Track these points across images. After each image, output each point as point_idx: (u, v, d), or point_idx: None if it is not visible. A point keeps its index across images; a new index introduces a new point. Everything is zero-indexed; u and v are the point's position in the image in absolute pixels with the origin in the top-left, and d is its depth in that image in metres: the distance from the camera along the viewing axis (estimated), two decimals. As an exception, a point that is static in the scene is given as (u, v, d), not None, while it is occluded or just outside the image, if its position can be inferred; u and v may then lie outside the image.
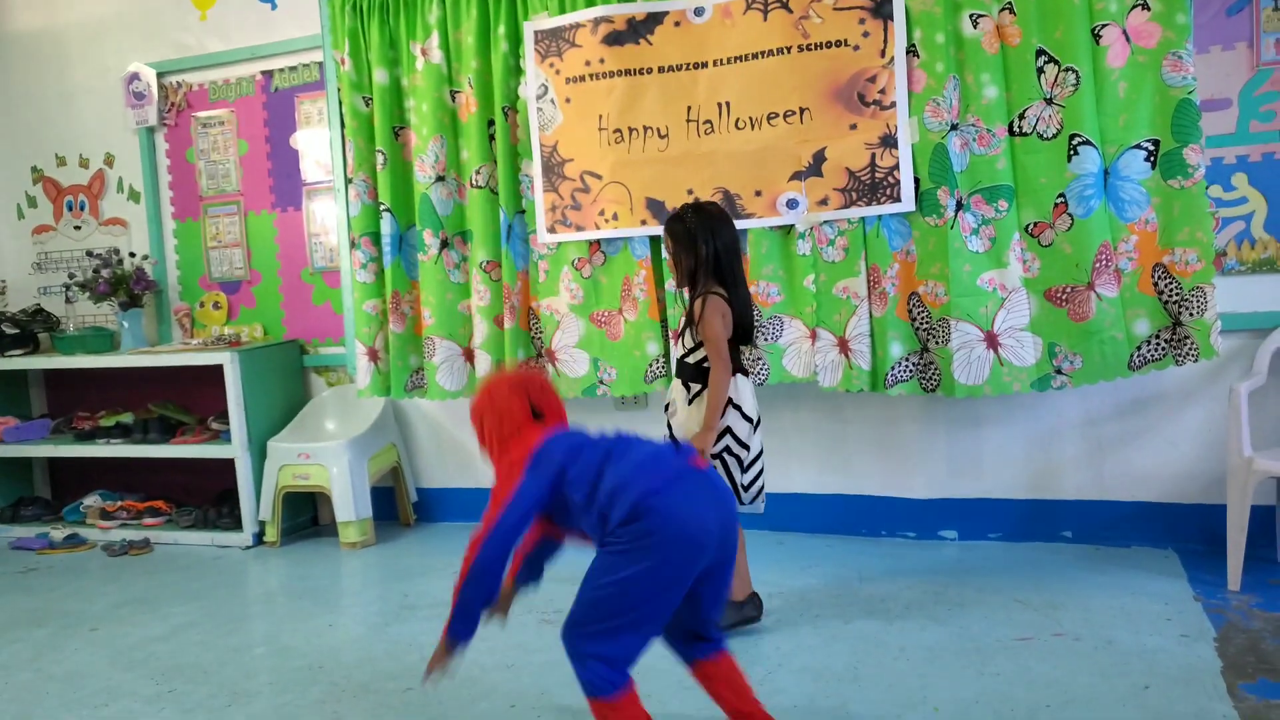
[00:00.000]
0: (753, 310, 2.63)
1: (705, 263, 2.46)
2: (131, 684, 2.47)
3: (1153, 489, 3.04)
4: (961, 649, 2.38)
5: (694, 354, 2.51)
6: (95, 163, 4.34)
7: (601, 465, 1.82)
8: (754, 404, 2.53)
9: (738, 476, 2.51)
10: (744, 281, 2.54)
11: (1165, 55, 2.68)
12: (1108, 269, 2.76)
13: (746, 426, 2.50)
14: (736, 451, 2.49)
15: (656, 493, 1.76)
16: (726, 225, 2.51)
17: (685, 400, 2.53)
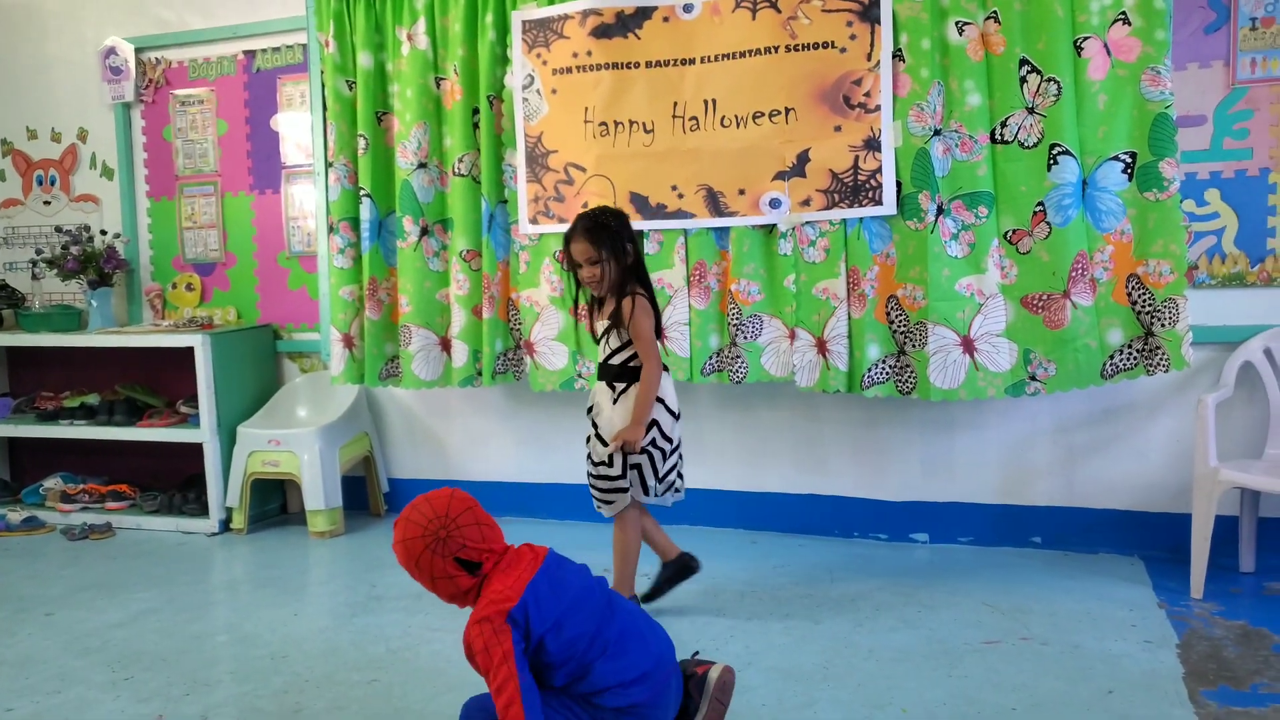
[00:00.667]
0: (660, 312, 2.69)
1: (632, 266, 2.55)
2: (85, 671, 2.42)
3: (1121, 497, 3.09)
4: (930, 651, 2.39)
5: (619, 355, 2.57)
6: (68, 137, 4.26)
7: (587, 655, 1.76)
8: (675, 398, 2.63)
9: (660, 467, 2.58)
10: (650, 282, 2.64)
11: (1144, 70, 2.72)
12: (1083, 278, 2.80)
13: (671, 420, 2.59)
14: (661, 444, 2.57)
15: (648, 695, 1.78)
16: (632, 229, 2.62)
17: (610, 399, 2.58)
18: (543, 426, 3.70)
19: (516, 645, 1.68)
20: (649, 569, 2.75)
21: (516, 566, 1.77)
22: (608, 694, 1.77)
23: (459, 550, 1.74)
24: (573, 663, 1.75)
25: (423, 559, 1.75)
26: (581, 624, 1.76)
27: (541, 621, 1.71)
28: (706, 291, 3.17)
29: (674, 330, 3.19)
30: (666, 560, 2.72)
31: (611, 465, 2.57)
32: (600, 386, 2.63)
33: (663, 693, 1.83)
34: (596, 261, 2.52)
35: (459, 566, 1.75)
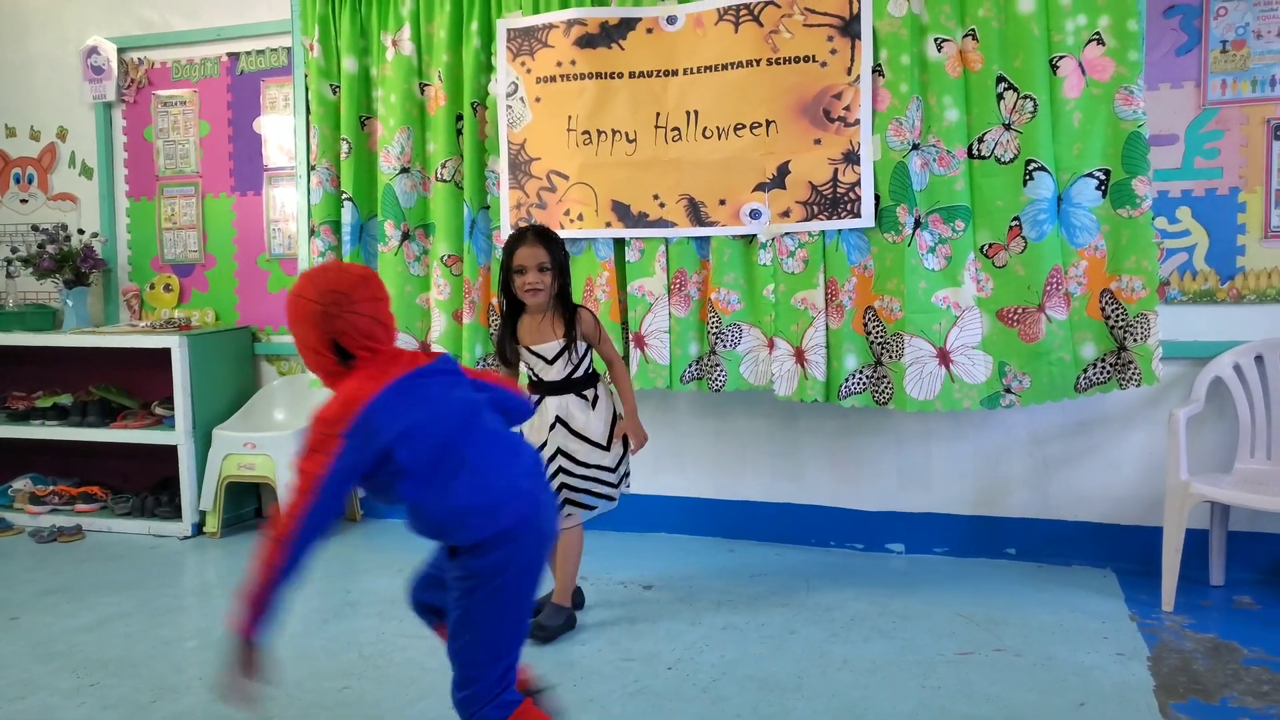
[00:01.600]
0: None
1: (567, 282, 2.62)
2: (51, 676, 2.38)
3: (1094, 509, 3.12)
4: (904, 661, 2.40)
5: (580, 368, 2.61)
6: (47, 135, 4.22)
7: (444, 465, 1.64)
8: None
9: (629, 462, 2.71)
10: None
11: (1118, 89, 2.77)
12: (1058, 292, 2.83)
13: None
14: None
15: (518, 519, 1.66)
16: None
17: (585, 407, 2.62)
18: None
19: (343, 458, 1.57)
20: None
21: (382, 373, 1.64)
22: (460, 518, 1.65)
23: (338, 334, 1.62)
24: (423, 474, 1.64)
25: (302, 324, 1.64)
26: (434, 435, 1.64)
27: (386, 430, 1.58)
28: (687, 300, 3.18)
29: (653, 338, 3.19)
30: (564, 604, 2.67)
31: (616, 470, 2.65)
32: (565, 400, 2.60)
33: (522, 526, 1.67)
34: (545, 269, 2.51)
35: (332, 349, 1.63)
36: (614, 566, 3.19)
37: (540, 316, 2.58)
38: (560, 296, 2.58)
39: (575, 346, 2.57)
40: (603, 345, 2.65)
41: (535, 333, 2.59)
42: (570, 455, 2.60)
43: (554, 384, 2.61)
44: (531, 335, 2.59)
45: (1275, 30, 2.87)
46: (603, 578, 3.07)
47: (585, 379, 2.63)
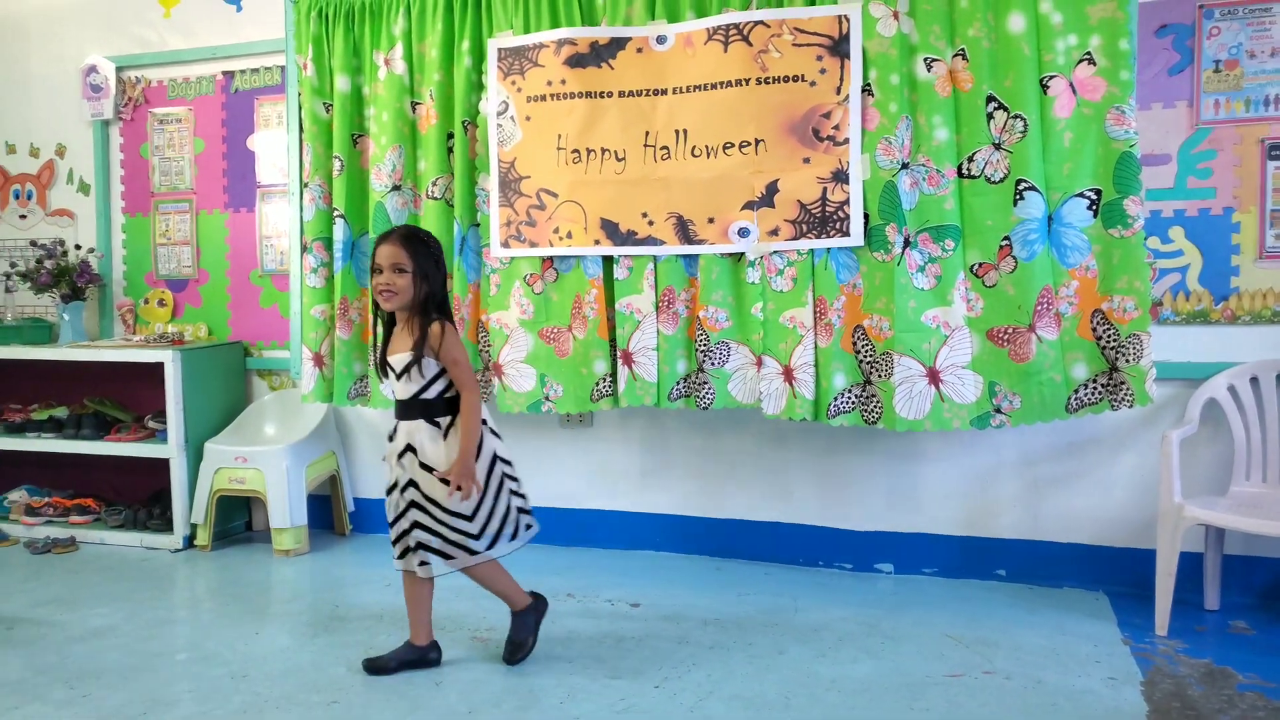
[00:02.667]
0: None
1: (438, 291, 2.39)
2: (44, 687, 2.39)
3: (1086, 531, 3.10)
4: (893, 683, 2.39)
5: (433, 387, 2.36)
6: (46, 152, 4.26)
7: None
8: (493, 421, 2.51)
9: (519, 501, 2.46)
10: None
11: (1109, 109, 2.76)
12: (1049, 312, 2.82)
13: (503, 444, 2.49)
14: (510, 472, 2.47)
15: None
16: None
17: (435, 437, 2.36)
18: (509, 448, 3.68)
19: None
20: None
21: None
22: None
23: None
24: None
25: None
26: None
27: None
28: (675, 317, 3.18)
29: (641, 355, 3.19)
30: (417, 643, 2.50)
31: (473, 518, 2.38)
32: (415, 425, 2.37)
33: None
34: (403, 271, 2.33)
35: None
36: (600, 584, 3.18)
37: (402, 325, 2.39)
38: (424, 306, 2.36)
39: (423, 362, 2.33)
40: (454, 368, 2.35)
41: (395, 342, 2.40)
42: (422, 490, 2.37)
43: (403, 404, 2.40)
44: (392, 344, 2.40)
45: (1269, 50, 2.86)
46: (589, 595, 3.06)
47: (438, 403, 2.36)
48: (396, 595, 3.08)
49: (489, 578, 2.52)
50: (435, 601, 2.91)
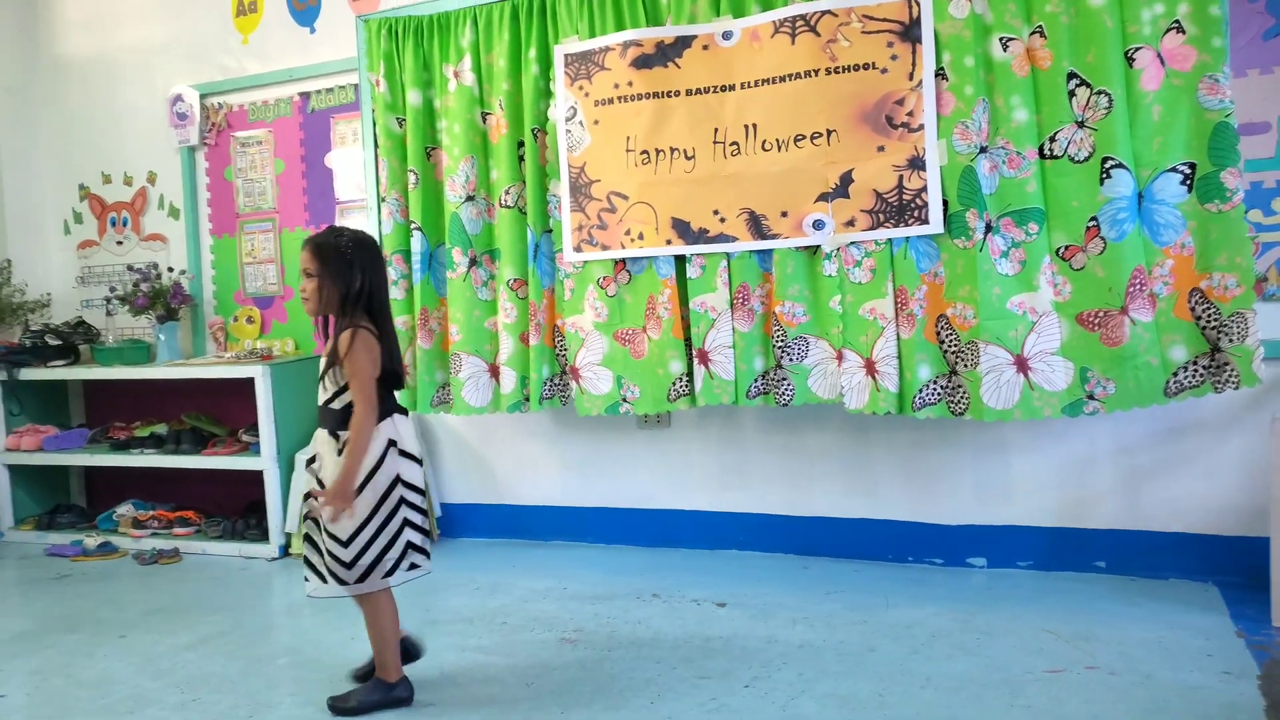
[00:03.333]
0: (400, 356, 2.35)
1: (358, 296, 2.22)
2: (158, 692, 2.49)
3: (1191, 520, 2.96)
4: (990, 680, 2.32)
5: (338, 398, 2.23)
6: (138, 180, 4.46)
7: None
8: (416, 443, 2.33)
9: (415, 537, 2.29)
10: (390, 314, 2.32)
11: (1201, 78, 2.64)
12: (1142, 293, 2.71)
13: (417, 469, 2.31)
14: (413, 499, 2.27)
15: None
16: (383, 263, 2.33)
17: (334, 451, 2.23)
18: (588, 451, 3.72)
19: None
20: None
21: None
22: None
23: None
24: None
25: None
26: None
27: None
28: (750, 314, 3.16)
29: (717, 354, 3.18)
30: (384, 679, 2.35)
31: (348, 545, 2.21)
32: (321, 435, 2.28)
33: None
34: (310, 275, 2.23)
35: None
36: (685, 584, 3.17)
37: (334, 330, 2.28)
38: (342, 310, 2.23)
39: (335, 370, 2.21)
40: (351, 380, 2.18)
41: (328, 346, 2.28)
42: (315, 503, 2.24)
43: (319, 411, 2.29)
44: (326, 348, 2.29)
45: (1371, 7, 2.70)
46: (674, 596, 3.06)
47: (343, 415, 2.21)
48: (486, 599, 3.13)
49: (373, 621, 2.31)
50: (519, 602, 2.95)
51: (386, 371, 2.26)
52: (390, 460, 2.24)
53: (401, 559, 2.26)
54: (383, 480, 2.22)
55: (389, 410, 2.27)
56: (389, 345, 2.27)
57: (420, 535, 2.31)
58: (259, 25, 4.13)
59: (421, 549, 2.31)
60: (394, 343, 2.30)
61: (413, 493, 2.28)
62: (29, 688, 2.55)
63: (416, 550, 2.30)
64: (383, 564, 2.24)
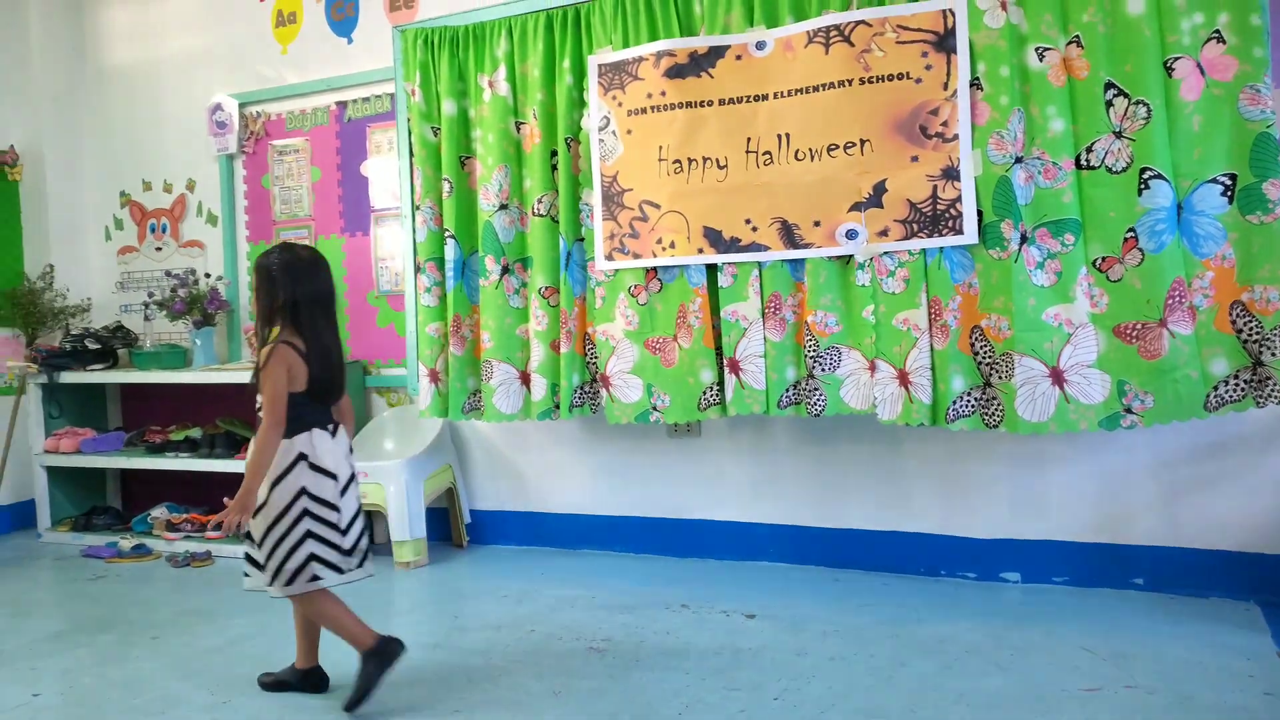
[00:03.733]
0: (335, 364, 2.37)
1: (282, 310, 2.30)
2: (189, 693, 2.51)
3: (1233, 537, 2.91)
4: (1025, 697, 2.29)
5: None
6: (178, 188, 4.55)
7: None
8: (339, 460, 2.35)
9: (320, 550, 2.31)
10: (327, 333, 2.35)
11: (1242, 88, 2.61)
12: (1181, 305, 2.67)
13: (331, 484, 2.32)
14: (318, 512, 2.30)
15: None
16: (313, 273, 2.35)
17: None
18: (618, 459, 3.72)
19: None
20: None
21: None
22: None
23: None
24: None
25: None
26: None
27: None
28: (782, 324, 3.15)
29: (749, 363, 3.17)
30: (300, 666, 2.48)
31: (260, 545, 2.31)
32: (251, 442, 2.35)
33: None
34: (253, 289, 2.37)
35: None
36: (715, 595, 3.16)
37: None
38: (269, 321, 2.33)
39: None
40: (263, 394, 2.26)
41: None
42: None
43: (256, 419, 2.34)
44: None
45: None
46: (704, 606, 3.05)
47: None
48: (514, 606, 3.14)
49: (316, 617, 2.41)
50: (548, 610, 2.95)
51: (318, 383, 2.32)
52: (296, 474, 2.28)
53: (302, 569, 2.30)
54: (285, 493, 2.28)
55: (309, 424, 2.31)
56: (321, 358, 2.32)
57: (327, 548, 2.33)
58: (298, 36, 4.20)
59: (327, 561, 2.33)
60: (329, 355, 2.35)
61: (321, 507, 2.31)
62: (62, 687, 2.59)
63: (320, 563, 2.32)
64: (283, 572, 2.30)
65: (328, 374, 2.35)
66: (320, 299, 2.36)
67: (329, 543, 2.33)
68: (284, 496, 2.28)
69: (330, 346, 2.36)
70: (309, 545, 2.30)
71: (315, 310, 2.34)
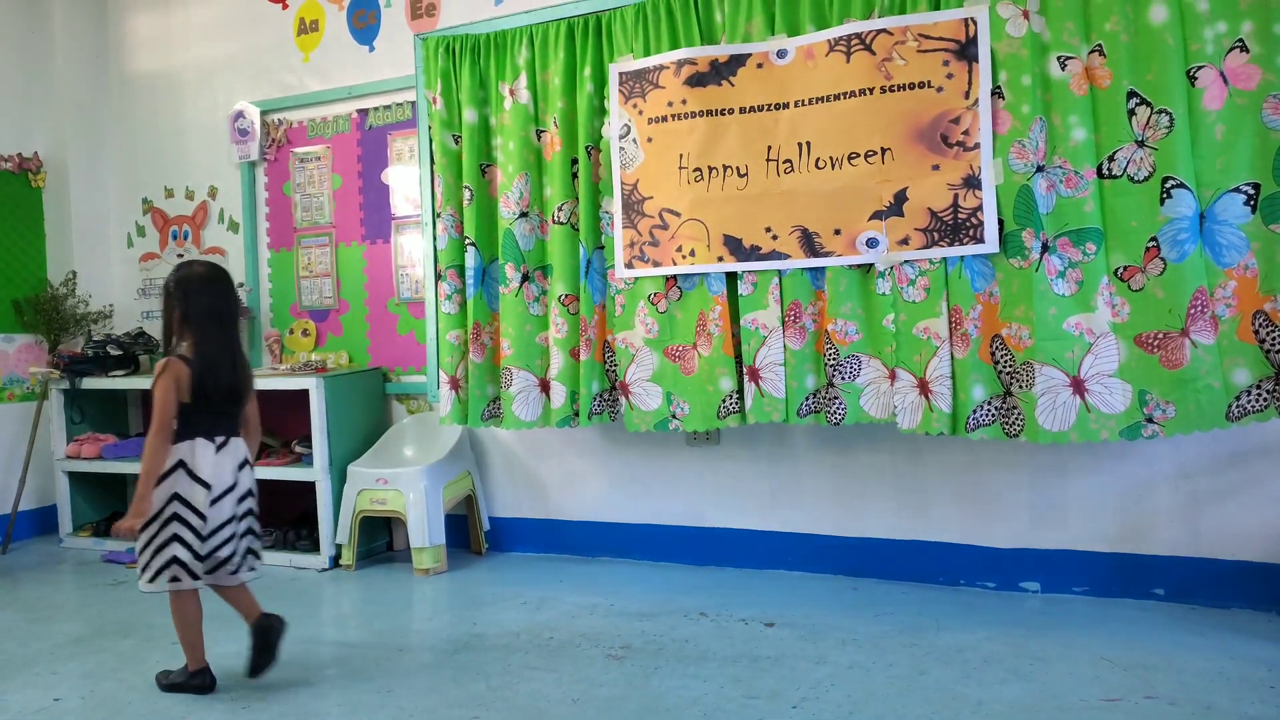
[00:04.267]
0: (224, 376, 2.49)
1: (180, 324, 2.47)
2: (207, 700, 2.53)
3: (1255, 548, 2.89)
4: (1044, 707, 2.28)
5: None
6: (200, 195, 4.59)
7: None
8: (216, 470, 2.46)
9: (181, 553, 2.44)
10: (218, 345, 2.48)
11: (1266, 98, 2.60)
12: (1203, 315, 2.66)
13: (203, 492, 2.44)
14: (187, 517, 2.43)
15: None
16: (205, 289, 2.49)
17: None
18: (637, 467, 3.73)
19: None
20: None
21: None
22: None
23: None
24: None
25: None
26: None
27: None
28: (802, 332, 3.15)
29: (768, 371, 3.17)
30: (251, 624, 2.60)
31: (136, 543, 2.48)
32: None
33: None
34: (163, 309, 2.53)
35: None
36: (733, 603, 3.16)
37: None
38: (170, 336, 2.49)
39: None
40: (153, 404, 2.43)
41: None
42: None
43: None
44: None
45: None
46: (723, 615, 3.05)
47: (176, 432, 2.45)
48: (533, 613, 3.15)
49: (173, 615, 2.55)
50: (567, 617, 2.95)
51: (205, 394, 2.46)
52: (173, 479, 2.43)
53: (164, 569, 2.45)
54: (161, 495, 2.43)
55: (193, 433, 2.47)
56: (210, 370, 2.46)
57: (189, 553, 2.45)
58: (319, 44, 4.24)
59: (186, 565, 2.45)
60: (217, 367, 2.48)
61: (190, 513, 2.44)
62: (83, 691, 2.61)
63: (180, 565, 2.45)
64: (149, 569, 2.46)
65: (216, 385, 2.47)
66: (212, 313, 2.49)
67: (191, 548, 2.45)
68: (159, 498, 2.43)
69: (218, 359, 2.48)
70: (173, 548, 2.44)
71: (207, 324, 2.48)
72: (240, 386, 2.54)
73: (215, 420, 2.49)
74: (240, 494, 2.53)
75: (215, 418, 2.49)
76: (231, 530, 2.51)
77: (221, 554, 2.50)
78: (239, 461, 2.54)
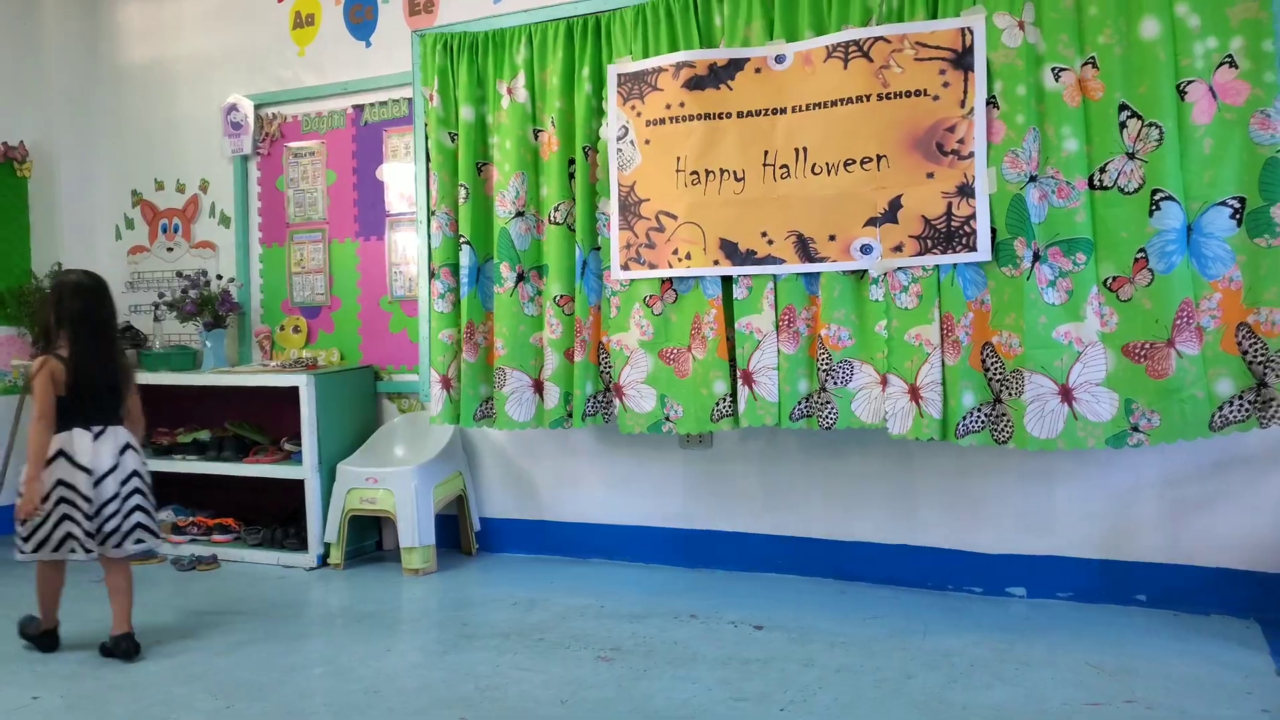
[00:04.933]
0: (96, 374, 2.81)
1: (56, 326, 2.78)
2: (190, 698, 2.51)
3: (1235, 555, 2.94)
4: (1029, 711, 2.31)
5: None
6: (191, 188, 4.56)
7: None
8: (95, 456, 2.79)
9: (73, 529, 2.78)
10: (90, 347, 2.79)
11: (1253, 113, 2.65)
12: (1189, 326, 2.71)
13: (85, 477, 2.77)
14: (72, 499, 2.77)
15: None
16: (77, 297, 2.81)
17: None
18: (630, 469, 3.74)
19: None
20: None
21: None
22: None
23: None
24: None
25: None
26: None
27: None
28: (796, 336, 3.17)
29: (762, 375, 3.19)
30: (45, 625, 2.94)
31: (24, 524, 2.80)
32: None
33: None
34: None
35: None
36: (723, 606, 3.18)
37: None
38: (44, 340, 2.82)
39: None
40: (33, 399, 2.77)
41: None
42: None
43: None
44: None
45: None
46: (712, 617, 3.07)
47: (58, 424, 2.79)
48: (524, 614, 3.15)
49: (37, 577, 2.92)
50: (557, 618, 2.96)
51: (78, 389, 2.77)
52: (55, 465, 2.77)
53: (61, 544, 2.80)
54: (48, 479, 2.77)
55: (71, 424, 2.79)
56: (82, 369, 2.77)
57: (78, 529, 2.79)
58: (315, 38, 4.22)
59: (79, 540, 2.80)
60: (88, 367, 2.79)
61: (75, 494, 2.78)
62: (63, 690, 2.59)
63: (74, 540, 2.79)
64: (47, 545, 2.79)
65: (90, 381, 2.79)
66: (86, 317, 2.81)
67: (81, 525, 2.79)
68: (48, 483, 2.77)
69: (88, 359, 2.79)
70: (65, 525, 2.78)
71: (80, 328, 2.80)
72: (117, 382, 2.86)
73: (91, 412, 2.81)
74: (124, 475, 2.83)
75: (91, 410, 2.80)
76: (116, 507, 2.81)
77: (107, 528, 2.81)
78: (119, 446, 2.84)
